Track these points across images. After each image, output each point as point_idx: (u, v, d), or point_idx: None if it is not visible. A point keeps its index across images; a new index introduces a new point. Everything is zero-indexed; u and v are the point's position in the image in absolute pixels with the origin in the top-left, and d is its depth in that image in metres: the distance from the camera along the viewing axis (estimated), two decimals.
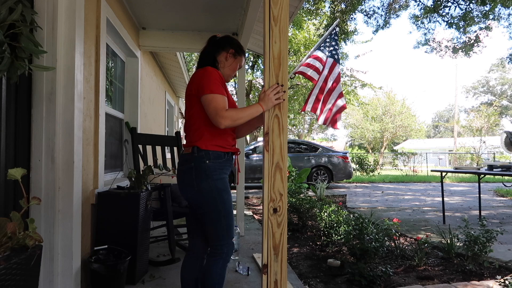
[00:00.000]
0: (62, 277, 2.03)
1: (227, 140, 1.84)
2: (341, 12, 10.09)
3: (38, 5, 1.94)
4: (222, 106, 1.70)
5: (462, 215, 5.82)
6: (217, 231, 1.79)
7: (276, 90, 1.65)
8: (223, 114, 1.68)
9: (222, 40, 1.97)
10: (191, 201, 1.83)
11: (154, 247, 3.55)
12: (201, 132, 1.79)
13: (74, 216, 2.06)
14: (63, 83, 2.03)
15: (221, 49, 1.94)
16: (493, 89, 41.56)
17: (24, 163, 1.91)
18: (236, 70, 2.00)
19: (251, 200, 7.88)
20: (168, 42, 4.25)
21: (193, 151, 1.77)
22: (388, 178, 15.12)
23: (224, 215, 1.78)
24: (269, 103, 1.64)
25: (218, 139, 1.80)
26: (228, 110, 1.71)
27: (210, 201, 1.76)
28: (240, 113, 1.71)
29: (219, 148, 1.80)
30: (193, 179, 1.77)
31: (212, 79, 1.74)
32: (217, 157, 1.78)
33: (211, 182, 1.75)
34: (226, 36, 2.02)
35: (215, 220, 1.78)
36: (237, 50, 1.97)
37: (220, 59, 1.93)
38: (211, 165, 1.76)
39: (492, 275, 2.97)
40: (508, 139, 5.39)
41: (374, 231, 3.30)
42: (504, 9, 10.25)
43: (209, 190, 1.75)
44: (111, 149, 3.53)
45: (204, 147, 1.77)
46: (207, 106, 1.71)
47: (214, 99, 1.70)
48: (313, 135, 33.87)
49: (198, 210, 1.81)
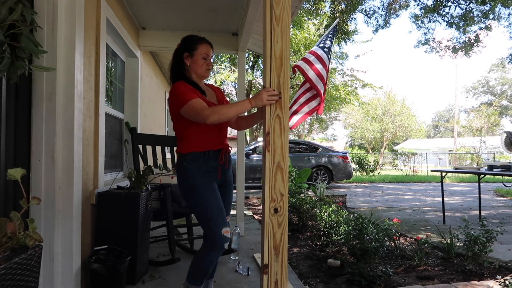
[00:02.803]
0: (62, 277, 2.03)
1: (205, 139, 1.96)
2: (341, 12, 10.08)
3: (38, 5, 1.94)
4: (200, 107, 1.83)
5: (462, 215, 5.82)
6: (202, 225, 1.95)
7: (271, 93, 1.66)
8: (206, 113, 1.80)
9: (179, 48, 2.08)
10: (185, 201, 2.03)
11: (154, 247, 3.54)
12: (181, 139, 1.99)
13: (74, 216, 2.06)
14: (63, 83, 2.03)
15: (181, 57, 2.05)
16: (493, 89, 41.55)
17: (24, 163, 1.90)
18: (202, 64, 2.03)
19: (251, 200, 7.88)
20: (168, 42, 4.24)
21: (177, 157, 2.02)
22: (388, 178, 15.12)
23: (202, 211, 1.92)
24: (259, 101, 1.69)
25: (194, 140, 1.95)
26: (213, 107, 1.84)
27: (190, 198, 1.95)
28: (226, 108, 1.84)
29: (196, 148, 1.94)
30: (179, 181, 1.99)
31: (179, 93, 1.89)
32: (194, 158, 1.94)
33: (189, 181, 1.93)
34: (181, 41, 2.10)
35: (198, 215, 1.97)
36: (188, 48, 2.03)
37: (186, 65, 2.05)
38: (187, 166, 1.94)
39: (492, 275, 2.97)
40: (508, 139, 5.39)
41: (374, 231, 3.29)
42: (504, 9, 10.25)
43: (187, 189, 1.95)
44: (111, 149, 3.52)
45: (184, 151, 1.96)
46: (189, 115, 1.87)
47: (189, 106, 1.84)
48: (313, 135, 33.87)
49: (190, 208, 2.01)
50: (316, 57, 4.27)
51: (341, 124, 38.20)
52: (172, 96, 1.93)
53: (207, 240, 1.92)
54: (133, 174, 2.76)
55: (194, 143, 1.95)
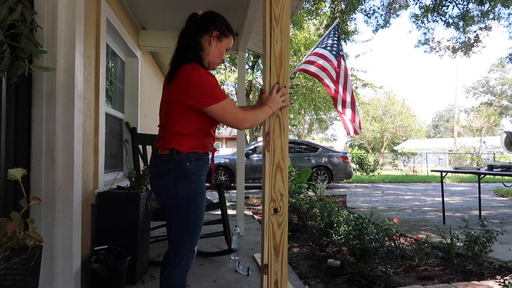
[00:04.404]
0: (62, 277, 2.02)
1: (207, 140, 1.72)
2: (341, 12, 10.09)
3: (38, 5, 1.94)
4: (236, 109, 1.62)
5: (462, 215, 5.82)
6: (180, 236, 1.65)
7: (282, 92, 1.65)
8: (242, 117, 1.61)
9: (204, 20, 1.70)
10: (165, 203, 1.69)
11: (154, 247, 3.55)
12: (181, 135, 1.64)
13: (74, 216, 2.05)
14: (63, 83, 2.03)
15: (203, 33, 1.69)
16: (493, 89, 41.55)
17: (24, 163, 1.90)
18: (223, 54, 1.77)
19: (251, 200, 7.88)
20: (168, 42, 4.24)
21: (171, 153, 1.63)
22: (388, 178, 15.12)
23: (193, 221, 1.65)
24: (277, 104, 1.64)
25: (198, 140, 1.67)
26: (247, 113, 1.64)
27: (184, 204, 1.63)
28: (258, 116, 1.63)
29: (199, 149, 1.67)
30: (170, 181, 1.62)
31: (212, 85, 1.57)
32: (198, 159, 1.65)
33: (189, 185, 1.63)
34: (208, 14, 1.73)
35: (181, 225, 1.65)
36: (222, 31, 1.72)
37: (203, 44, 1.69)
38: (191, 167, 1.63)
39: (492, 275, 2.97)
40: (508, 139, 5.39)
41: (374, 231, 3.29)
42: (504, 9, 10.25)
43: (186, 194, 1.63)
44: (111, 149, 3.52)
45: (186, 150, 1.62)
46: (221, 116, 1.60)
47: (225, 107, 1.58)
48: (313, 135, 33.86)
49: (168, 212, 1.68)
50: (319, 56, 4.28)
51: (341, 124, 38.15)
52: (197, 84, 1.55)
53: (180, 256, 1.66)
54: (133, 174, 2.76)
55: (198, 144, 1.66)
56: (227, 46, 1.77)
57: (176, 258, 1.67)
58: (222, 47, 1.74)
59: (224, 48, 1.76)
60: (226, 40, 1.75)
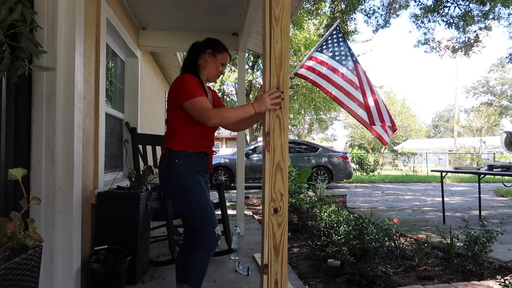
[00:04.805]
0: (62, 277, 2.03)
1: (200, 142, 1.95)
2: (341, 12, 10.09)
3: (38, 5, 1.94)
4: (205, 107, 1.80)
5: (462, 215, 5.82)
6: (193, 224, 1.92)
7: (275, 95, 1.64)
8: (209, 114, 1.78)
9: (201, 44, 2.07)
10: (168, 198, 2.04)
11: (154, 247, 3.55)
12: (174, 135, 1.93)
13: (74, 216, 2.06)
14: (63, 83, 2.03)
15: (201, 53, 2.04)
16: (493, 89, 41.55)
17: (24, 163, 1.90)
18: (219, 68, 2.06)
19: (251, 200, 7.88)
20: (168, 42, 4.24)
21: (165, 152, 1.94)
22: (388, 178, 15.12)
23: (197, 208, 1.89)
24: (262, 106, 1.66)
25: (190, 141, 1.92)
26: (217, 109, 1.83)
27: (179, 196, 1.91)
28: (228, 112, 1.81)
29: (189, 148, 1.92)
30: (165, 176, 1.94)
31: (188, 85, 1.84)
32: (186, 156, 1.90)
33: (179, 178, 1.88)
34: (206, 39, 2.10)
35: (189, 215, 1.93)
36: (215, 48, 2.04)
37: (201, 62, 2.03)
38: (180, 163, 1.89)
39: (492, 275, 2.97)
40: (508, 139, 5.39)
41: (374, 231, 3.29)
42: (504, 9, 10.25)
43: (177, 186, 1.89)
44: (111, 149, 3.53)
45: (176, 148, 1.90)
46: (192, 111, 1.82)
47: (195, 102, 1.81)
48: (313, 135, 33.86)
49: (176, 209, 1.94)
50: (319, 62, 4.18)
51: (341, 124, 38.23)
52: (179, 86, 1.87)
53: (201, 240, 1.89)
54: (133, 174, 2.76)
55: (188, 143, 1.91)
56: (222, 61, 2.07)
57: (194, 244, 1.91)
58: (217, 62, 2.05)
59: (219, 63, 2.06)
60: (220, 55, 2.05)
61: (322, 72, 3.99)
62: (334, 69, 3.94)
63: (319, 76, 3.98)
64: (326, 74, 3.94)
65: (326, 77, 3.93)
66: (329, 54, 4.06)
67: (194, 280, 1.94)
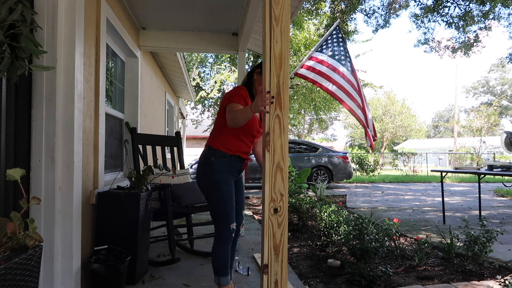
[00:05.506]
0: (62, 277, 2.03)
1: (237, 146, 2.21)
2: (341, 12, 10.09)
3: (38, 5, 1.94)
4: (232, 112, 2.06)
5: (462, 215, 5.82)
6: (215, 216, 2.19)
7: (263, 98, 1.67)
8: (228, 116, 2.06)
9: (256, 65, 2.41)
10: (201, 190, 2.25)
11: (154, 247, 3.54)
12: (216, 134, 2.23)
13: (74, 216, 2.06)
14: (63, 83, 2.03)
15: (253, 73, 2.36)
16: (493, 89, 41.54)
17: (24, 163, 1.90)
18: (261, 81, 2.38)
19: (251, 200, 7.88)
20: (168, 42, 4.24)
21: (205, 149, 2.25)
22: (388, 178, 15.11)
23: (220, 203, 2.15)
24: (256, 108, 1.79)
25: (229, 143, 2.19)
26: (231, 114, 2.05)
27: (210, 190, 2.18)
28: (235, 114, 2.03)
29: (226, 150, 2.18)
30: (201, 171, 2.23)
31: (234, 93, 2.18)
32: (222, 156, 2.18)
33: (212, 174, 2.16)
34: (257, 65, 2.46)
35: (213, 207, 2.20)
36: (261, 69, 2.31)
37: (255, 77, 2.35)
38: (215, 161, 2.17)
39: (492, 275, 2.97)
40: (508, 139, 5.39)
41: (374, 231, 3.29)
42: (504, 9, 10.25)
43: (211, 181, 2.17)
44: (111, 149, 3.53)
45: (215, 147, 2.19)
46: (227, 114, 2.10)
47: (229, 106, 2.10)
48: (313, 135, 33.88)
49: (205, 198, 2.25)
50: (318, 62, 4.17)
51: (341, 124, 38.25)
52: (228, 92, 2.22)
53: (218, 232, 2.17)
54: (133, 174, 2.76)
55: (226, 145, 2.18)
56: None
57: (216, 234, 2.19)
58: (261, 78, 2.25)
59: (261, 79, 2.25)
60: None
61: (322, 70, 3.99)
62: (334, 68, 3.95)
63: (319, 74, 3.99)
64: (326, 73, 3.95)
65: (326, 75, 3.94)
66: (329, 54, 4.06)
67: (213, 268, 2.21)
